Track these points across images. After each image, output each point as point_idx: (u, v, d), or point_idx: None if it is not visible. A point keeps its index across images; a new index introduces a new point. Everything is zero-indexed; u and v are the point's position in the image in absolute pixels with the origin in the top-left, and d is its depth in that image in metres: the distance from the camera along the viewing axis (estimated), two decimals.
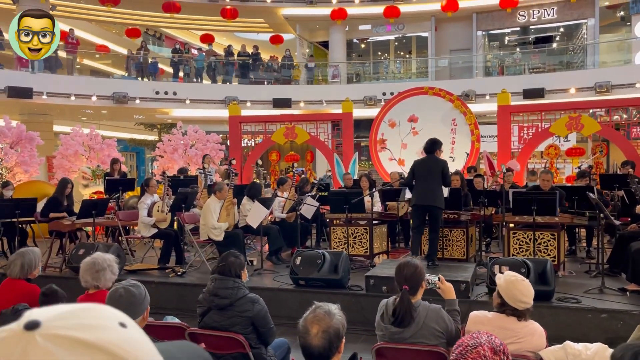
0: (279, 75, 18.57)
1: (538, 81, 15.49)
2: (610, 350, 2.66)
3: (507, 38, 20.18)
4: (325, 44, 20.99)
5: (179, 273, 6.54)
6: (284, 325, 5.05)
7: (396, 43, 21.80)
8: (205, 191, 7.76)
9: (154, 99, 16.12)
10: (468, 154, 11.27)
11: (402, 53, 22.18)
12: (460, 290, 5.29)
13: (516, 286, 2.77)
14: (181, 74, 17.87)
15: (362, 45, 22.07)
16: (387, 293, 5.27)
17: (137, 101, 15.80)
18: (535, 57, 18.36)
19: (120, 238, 7.97)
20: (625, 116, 12.85)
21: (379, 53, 22.19)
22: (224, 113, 14.61)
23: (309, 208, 7.28)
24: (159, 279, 6.43)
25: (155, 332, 3.10)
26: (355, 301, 5.56)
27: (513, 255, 6.22)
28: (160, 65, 17.96)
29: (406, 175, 9.57)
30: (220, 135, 13.03)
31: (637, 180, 6.42)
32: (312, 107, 16.99)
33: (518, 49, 19.50)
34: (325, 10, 18.51)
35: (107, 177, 8.93)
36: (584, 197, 6.56)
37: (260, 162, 8.89)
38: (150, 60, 17.62)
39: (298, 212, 7.03)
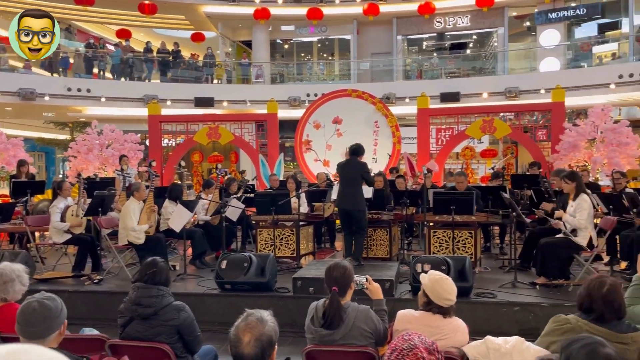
0: (200, 74, 18.14)
1: (454, 85, 16.20)
2: (527, 343, 2.83)
3: (425, 43, 20.98)
4: (248, 43, 20.77)
5: (95, 281, 6.19)
6: (209, 331, 4.92)
7: (319, 45, 22.01)
8: (123, 194, 7.41)
9: (66, 96, 15.19)
10: (390, 156, 11.59)
11: (325, 55, 22.42)
12: (385, 289, 5.36)
13: (441, 285, 2.86)
14: (95, 70, 16.97)
15: (286, 46, 22.07)
16: (314, 294, 5.28)
17: (47, 98, 14.82)
18: (451, 62, 19.21)
19: (28, 245, 7.43)
20: (532, 119, 13.77)
21: (303, 54, 22.29)
22: (142, 112, 14.06)
23: (234, 210, 7.15)
24: (74, 288, 6.05)
25: (74, 346, 2.90)
26: (283, 304, 5.53)
27: (434, 253, 6.46)
28: (71, 60, 16.93)
29: (332, 176, 9.70)
30: (139, 135, 12.49)
31: (545, 180, 6.90)
32: (235, 107, 16.75)
33: (435, 54, 20.31)
34: (249, 10, 18.33)
35: (13, 180, 8.29)
36: (497, 196, 6.93)
37: (182, 163, 8.62)
38: (61, 54, 16.58)
39: (223, 215, 6.89)
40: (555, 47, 17.33)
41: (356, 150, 6.40)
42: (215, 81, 18.21)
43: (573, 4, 17.73)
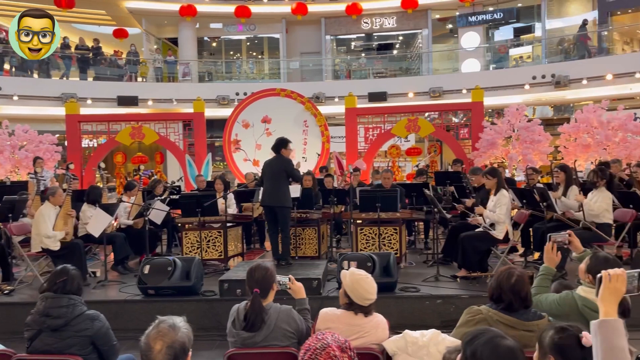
0: (124, 72, 17.44)
1: (381, 85, 16.57)
2: (443, 335, 2.93)
3: (353, 43, 21.31)
4: (174, 41, 20.21)
5: (5, 291, 5.79)
6: (132, 339, 4.69)
7: (248, 43, 21.81)
8: (37, 198, 6.98)
9: None
10: (319, 155, 11.67)
11: (254, 53, 22.25)
12: (312, 287, 5.44)
13: (361, 284, 2.89)
14: (7, 66, 15.88)
15: (214, 44, 21.69)
16: (241, 296, 5.21)
17: None
18: (378, 63, 19.62)
19: None
20: (455, 120, 14.34)
21: (231, 52, 22.00)
22: (60, 111, 13.32)
23: (158, 213, 6.92)
24: None
25: None
26: (210, 307, 5.42)
27: (361, 250, 6.56)
28: None
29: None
30: (57, 136, 11.82)
31: (466, 176, 7.20)
32: (161, 106, 16.26)
33: (363, 54, 20.67)
34: (174, 6, 17.85)
35: None
36: (421, 193, 7.15)
37: (102, 164, 8.24)
38: None
39: (146, 218, 6.65)
40: (475, 49, 18.13)
41: (278, 145, 6.33)
42: (139, 79, 17.58)
43: (491, 9, 18.62)
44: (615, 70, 13.86)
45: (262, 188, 6.50)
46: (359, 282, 2.89)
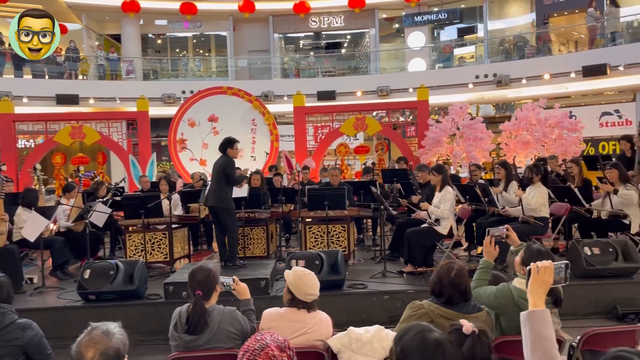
0: (63, 69, 16.74)
1: (330, 84, 16.64)
2: (387, 331, 2.96)
3: (301, 42, 21.30)
4: (117, 37, 19.58)
5: None
6: (71, 347, 4.55)
7: (195, 41, 21.41)
8: None
9: None
10: (268, 154, 11.60)
11: (201, 51, 21.86)
12: (260, 288, 5.40)
13: (303, 281, 2.89)
14: None
15: (159, 41, 21.17)
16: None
17: None
18: (327, 62, 19.69)
19: None
20: (402, 118, 14.59)
21: (177, 50, 21.54)
22: None
23: (99, 215, 6.69)
24: None
25: None
26: (154, 310, 5.29)
27: (310, 248, 6.57)
28: None
29: (208, 175, 9.45)
30: None
31: (412, 173, 7.33)
32: (104, 105, 15.70)
33: (312, 53, 20.71)
34: (116, 1, 17.28)
35: None
36: (368, 191, 7.23)
37: (39, 166, 7.87)
38: None
39: (87, 220, 6.41)
40: (421, 48, 18.50)
41: (224, 145, 6.22)
42: (80, 77, 16.93)
43: (436, 9, 19.05)
44: (553, 70, 14.46)
45: (208, 188, 6.40)
46: (301, 278, 2.90)
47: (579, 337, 3.01)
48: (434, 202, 6.17)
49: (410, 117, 13.32)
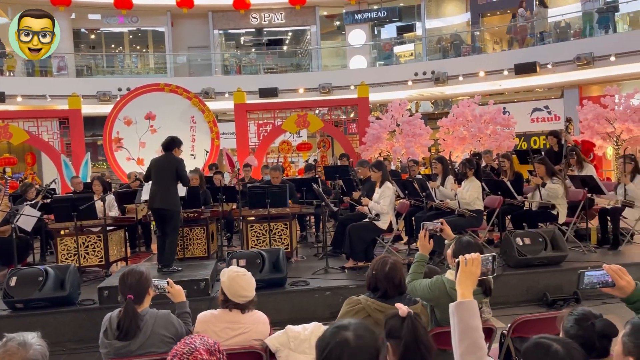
0: None
1: (272, 81, 16.55)
2: (325, 328, 2.96)
3: (242, 38, 21.04)
4: None
5: None
6: None
7: (131, 36, 20.70)
8: None
9: None
10: (208, 152, 11.39)
11: (138, 47, 21.16)
12: (200, 289, 5.29)
13: (237, 282, 2.84)
14: None
15: (93, 36, 20.32)
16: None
17: None
18: (269, 58, 19.57)
19: None
20: (343, 116, 14.71)
21: (113, 45, 20.76)
22: None
23: (27, 219, 6.33)
24: None
25: None
26: (88, 316, 5.07)
27: (252, 247, 6.50)
28: None
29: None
30: None
31: (353, 170, 7.40)
32: (33, 103, 14.89)
33: (253, 50, 20.50)
34: None
35: None
36: (311, 188, 7.23)
37: None
38: None
39: (14, 225, 6.06)
40: (362, 46, 18.71)
41: (169, 145, 5.88)
42: (7, 73, 15.98)
43: (375, 7, 19.31)
44: (487, 68, 15.00)
45: (144, 188, 6.15)
46: (235, 279, 2.85)
47: (509, 325, 3.13)
48: (374, 197, 6.24)
49: (352, 114, 13.46)
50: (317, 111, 13.68)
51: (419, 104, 19.22)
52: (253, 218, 6.81)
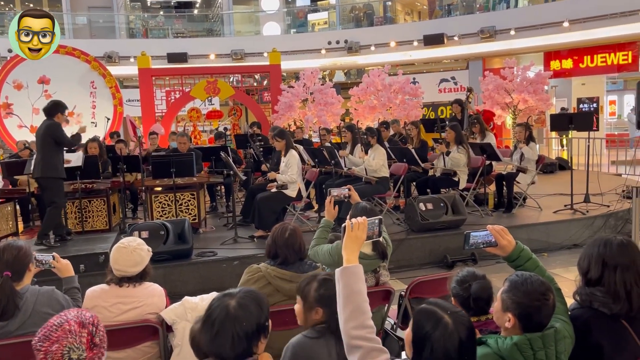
0: None
1: (181, 46, 15.82)
2: None
3: (149, 0, 19.88)
4: None
5: None
6: None
7: None
8: None
9: None
10: (110, 119, 10.72)
11: (31, 4, 19.35)
12: (100, 263, 5.04)
13: (122, 255, 2.69)
14: None
15: None
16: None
17: None
18: (178, 22, 18.67)
19: None
20: (256, 83, 14.43)
21: (2, 3, 18.85)
22: None
23: None
24: None
25: None
26: None
27: (157, 218, 6.25)
28: None
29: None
30: None
31: (260, 138, 7.27)
32: None
33: (161, 12, 19.46)
34: None
35: None
36: (220, 156, 7.03)
37: None
38: None
39: None
40: (275, 12, 18.32)
41: (50, 110, 5.47)
42: None
43: None
44: (398, 38, 15.26)
45: (35, 157, 5.68)
46: (121, 252, 2.69)
47: (407, 287, 3.23)
48: (281, 167, 6.19)
49: (265, 82, 13.22)
50: (230, 78, 13.29)
51: (333, 73, 19.27)
52: (160, 189, 6.54)
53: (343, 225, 1.80)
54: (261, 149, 7.06)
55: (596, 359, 1.92)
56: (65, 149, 5.70)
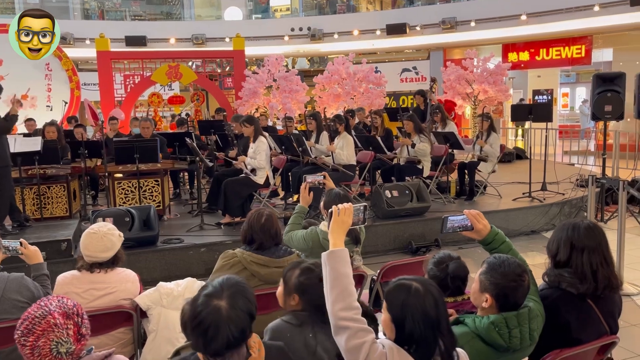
0: None
1: (140, 29, 15.38)
2: (199, 283, 2.88)
3: None
4: None
5: None
6: None
7: None
8: None
9: None
10: (67, 103, 10.38)
11: None
12: (62, 250, 4.92)
13: (92, 240, 2.65)
14: None
15: None
16: None
17: None
18: (136, 4, 18.14)
19: None
20: (219, 69, 14.21)
21: None
22: None
23: None
24: None
25: None
26: None
27: (120, 205, 6.13)
28: None
29: None
30: None
31: (231, 126, 7.21)
32: None
33: None
34: None
35: None
36: (184, 143, 6.94)
37: None
38: None
39: None
40: None
41: None
42: None
43: None
44: (361, 27, 15.31)
45: None
46: (91, 238, 2.65)
47: (378, 271, 3.30)
48: (249, 153, 6.16)
49: (227, 68, 13.04)
50: (190, 63, 13.03)
51: (296, 61, 19.17)
52: (121, 175, 6.40)
53: (330, 210, 1.84)
54: (233, 135, 7.00)
55: (564, 335, 2.03)
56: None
